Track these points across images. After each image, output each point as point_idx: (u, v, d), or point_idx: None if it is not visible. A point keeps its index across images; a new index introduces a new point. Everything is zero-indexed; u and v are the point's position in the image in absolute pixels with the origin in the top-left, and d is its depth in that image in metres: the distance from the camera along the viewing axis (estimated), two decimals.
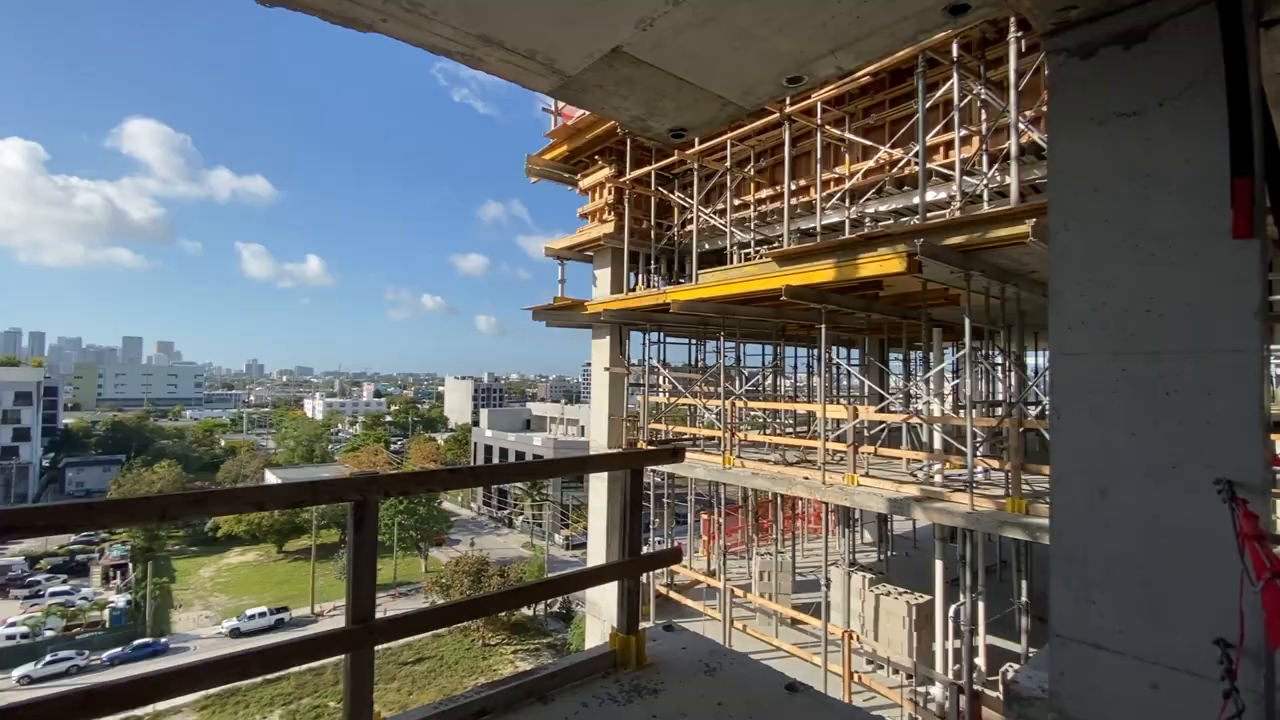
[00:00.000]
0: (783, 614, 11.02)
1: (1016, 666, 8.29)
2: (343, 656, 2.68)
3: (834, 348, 16.57)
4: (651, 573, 12.70)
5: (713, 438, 12.38)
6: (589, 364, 14.89)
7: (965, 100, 8.14)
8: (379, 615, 2.68)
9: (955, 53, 7.81)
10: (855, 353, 17.32)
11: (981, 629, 8.21)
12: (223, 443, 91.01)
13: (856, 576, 10.26)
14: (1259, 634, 2.39)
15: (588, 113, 10.98)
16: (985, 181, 7.92)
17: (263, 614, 39.68)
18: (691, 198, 11.99)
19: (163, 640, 37.23)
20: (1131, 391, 2.70)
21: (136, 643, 36.37)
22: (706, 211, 12.23)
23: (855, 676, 9.10)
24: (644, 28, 3.07)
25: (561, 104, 12.02)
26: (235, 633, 37.71)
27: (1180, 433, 2.56)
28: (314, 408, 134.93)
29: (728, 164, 11.47)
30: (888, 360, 16.13)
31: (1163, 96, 2.68)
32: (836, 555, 11.28)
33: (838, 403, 11.78)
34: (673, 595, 12.60)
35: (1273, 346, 6.76)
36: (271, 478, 60.84)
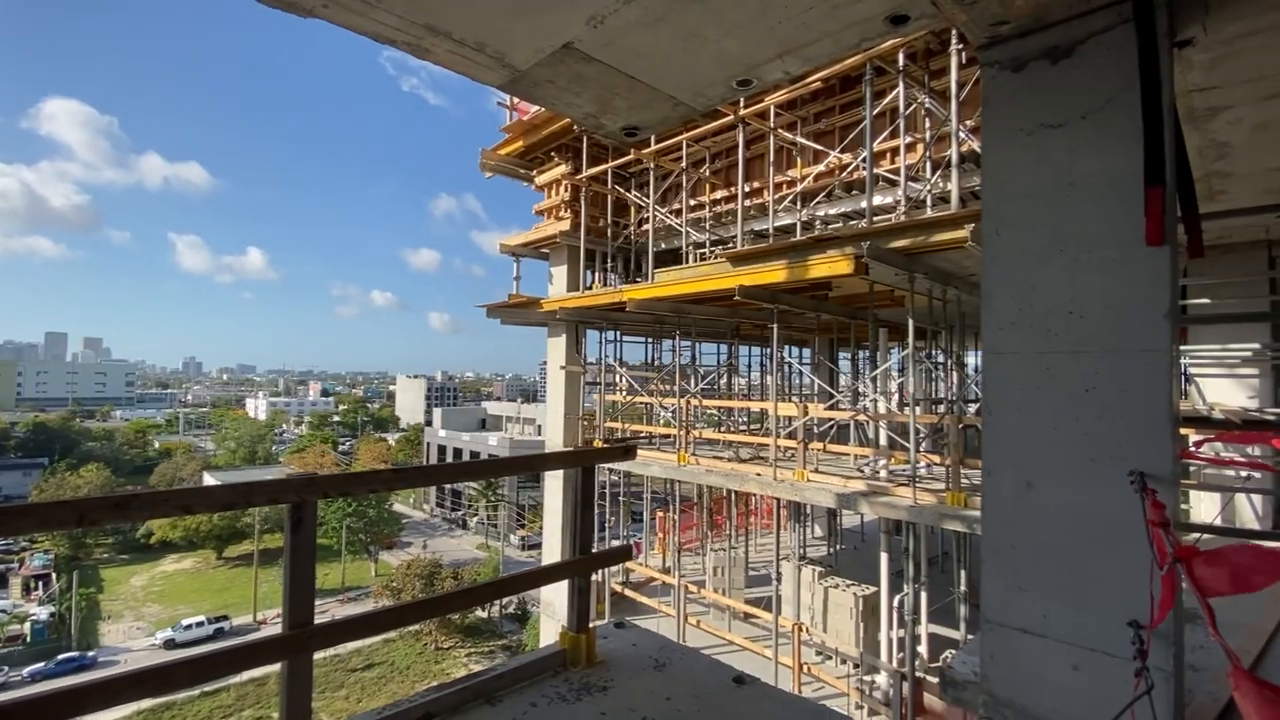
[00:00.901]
0: (735, 609, 11.19)
1: (955, 653, 8.65)
2: (279, 664, 2.59)
3: (786, 347, 16.93)
4: (607, 571, 12.70)
5: (669, 436, 12.47)
6: (545, 362, 14.78)
7: (910, 109, 8.42)
8: (321, 621, 2.60)
9: (901, 62, 8.07)
10: (807, 352, 17.71)
11: (924, 618, 8.53)
12: (157, 445, 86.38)
13: (807, 570, 10.51)
14: (1170, 615, 2.57)
15: (543, 109, 10.87)
16: (928, 187, 8.22)
17: (200, 623, 37.86)
18: (648, 197, 12.03)
19: (90, 654, 35.08)
20: (1055, 389, 2.85)
21: (61, 657, 34.17)
22: (663, 211, 12.30)
23: (805, 668, 9.32)
24: (595, 25, 3.06)
25: (517, 99, 11.87)
26: (170, 644, 35.85)
27: (1099, 428, 2.71)
28: (257, 407, 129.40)
29: (683, 164, 11.55)
30: (837, 359, 16.56)
31: (1085, 110, 2.84)
32: (788, 550, 11.52)
33: (789, 401, 12.03)
34: (628, 593, 12.63)
35: (1184, 348, 7.25)
36: (210, 481, 58.12)
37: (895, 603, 8.64)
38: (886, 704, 8.36)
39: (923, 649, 8.46)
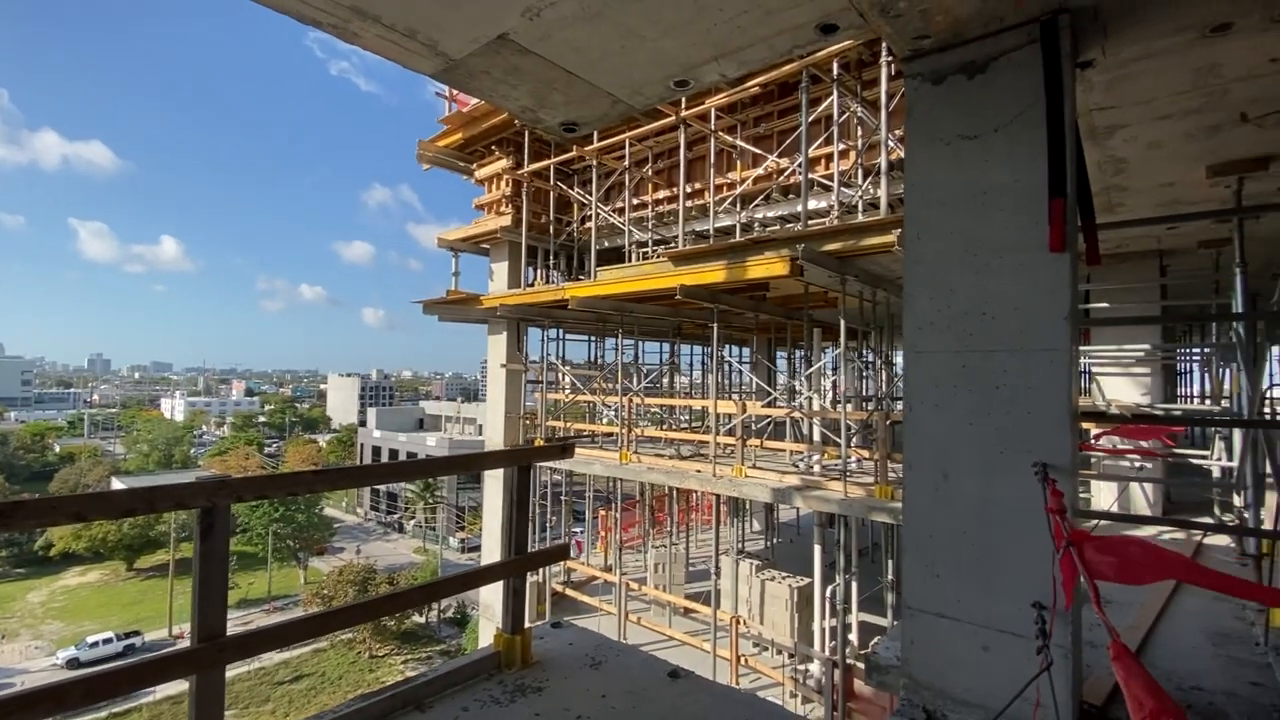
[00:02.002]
0: (675, 604, 11.31)
1: (881, 639, 9.04)
2: (188, 679, 2.44)
3: (727, 346, 17.24)
4: (548, 571, 12.59)
5: (611, 434, 12.46)
6: (486, 361, 14.48)
7: (844, 117, 8.73)
8: (239, 631, 2.46)
9: (835, 71, 8.35)
10: (747, 351, 18.08)
11: (855, 607, 8.87)
12: (58, 448, 79.52)
13: (744, 564, 10.73)
14: (1060, 594, 2.76)
15: (483, 101, 10.65)
16: (860, 193, 8.55)
17: (109, 640, 35.10)
18: (591, 194, 11.98)
19: None
20: (970, 386, 3.01)
21: None
22: (606, 209, 12.28)
23: (742, 659, 9.52)
24: (530, 17, 3.02)
25: (456, 90, 11.57)
26: (74, 663, 33.08)
27: (1007, 422, 2.89)
28: (174, 408, 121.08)
29: (626, 163, 11.57)
30: (775, 358, 16.98)
31: (998, 123, 3.01)
32: (727, 545, 11.74)
33: (729, 399, 12.25)
34: (569, 592, 12.56)
35: (1087, 348, 7.85)
36: (119, 486, 53.94)
37: (828, 593, 8.94)
38: (819, 691, 8.65)
39: (853, 637, 8.79)
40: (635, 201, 12.09)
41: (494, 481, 13.52)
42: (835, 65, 8.32)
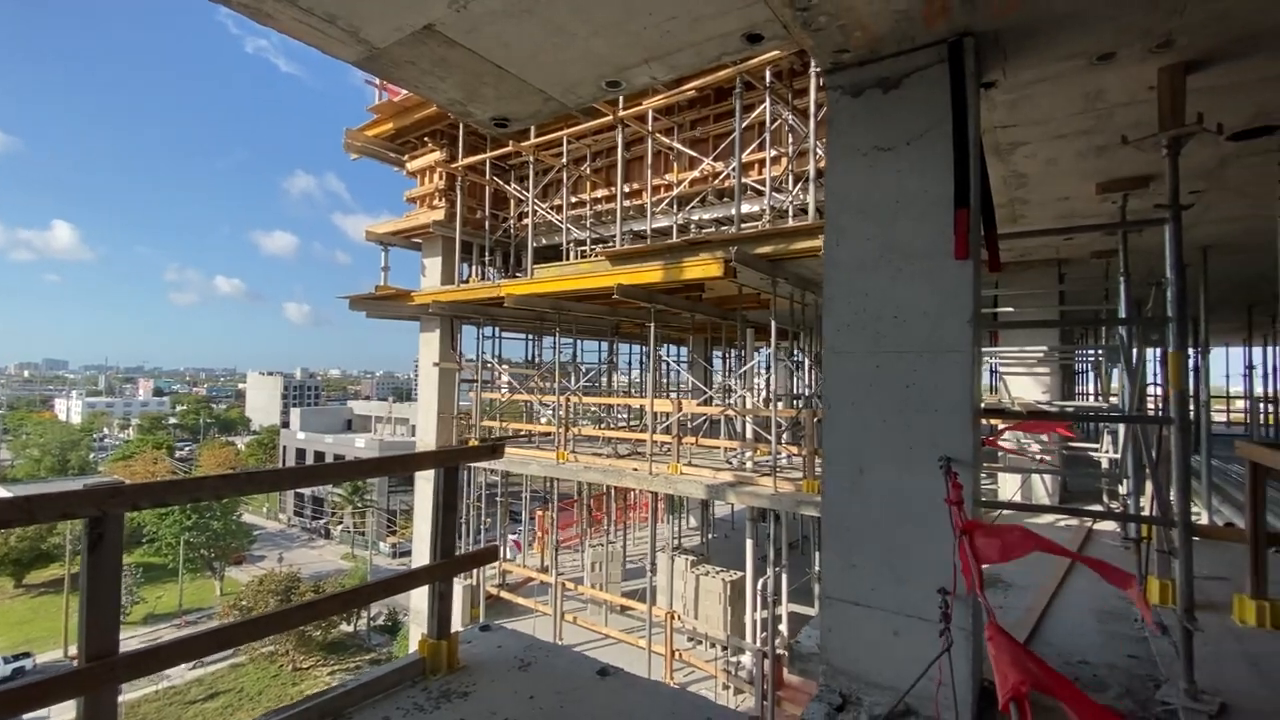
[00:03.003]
0: (612, 602, 11.34)
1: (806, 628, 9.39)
2: (76, 702, 2.26)
3: (665, 345, 17.40)
4: (482, 574, 12.35)
5: (549, 434, 12.35)
6: (419, 359, 14.03)
7: (776, 124, 8.98)
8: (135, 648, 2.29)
9: (768, 79, 8.58)
10: (685, 350, 18.32)
11: (785, 598, 9.16)
12: None
13: (680, 560, 10.89)
14: (962, 580, 2.96)
15: None
16: (790, 198, 8.82)
17: None
18: (528, 190, 11.83)
19: None
20: (883, 385, 3.17)
21: None
22: (543, 206, 12.14)
23: (677, 654, 9.65)
24: (458, 9, 2.96)
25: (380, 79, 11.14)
26: None
27: (916, 419, 3.07)
28: (69, 409, 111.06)
29: (564, 160, 11.48)
30: (711, 358, 17.28)
31: (910, 136, 3.19)
32: (664, 541, 11.88)
33: (666, 398, 12.39)
34: (504, 595, 12.37)
35: (996, 349, 8.43)
36: (3, 495, 48.98)
37: (759, 586, 9.19)
38: (750, 682, 8.88)
39: (784, 627, 9.08)
40: (573, 199, 12.02)
41: (426, 483, 13.14)
42: (768, 73, 8.55)
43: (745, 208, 9.48)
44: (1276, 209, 3.85)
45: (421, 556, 13.10)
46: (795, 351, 10.83)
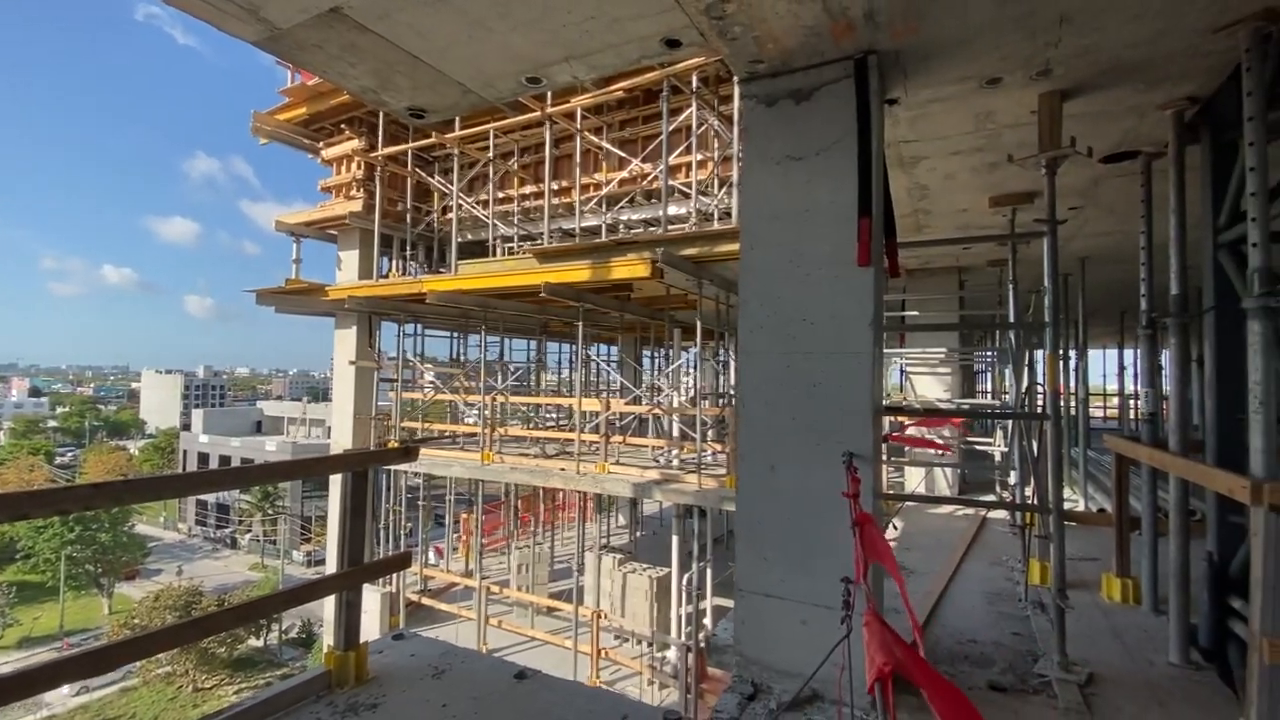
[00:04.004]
0: (538, 604, 11.23)
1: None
2: None
3: (595, 345, 17.39)
4: (402, 581, 11.92)
5: (474, 435, 12.05)
6: (335, 357, 13.35)
7: (702, 128, 9.15)
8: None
9: (694, 84, 8.73)
10: (614, 350, 18.36)
11: (709, 593, 9.37)
12: None
13: (607, 559, 10.91)
14: (870, 569, 3.13)
15: None
16: (716, 202, 9.03)
17: None
18: (453, 184, 11.50)
19: None
20: (793, 385, 3.31)
21: None
22: (469, 201, 11.84)
23: (603, 653, 9.67)
24: None
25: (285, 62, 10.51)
26: None
27: (823, 417, 3.21)
28: None
29: (491, 155, 11.25)
30: (640, 358, 17.42)
31: (819, 147, 3.33)
32: (592, 541, 11.86)
33: (594, 397, 12.37)
34: (426, 601, 11.98)
35: (903, 350, 8.98)
36: None
37: (685, 581, 9.35)
38: (675, 676, 9.02)
39: (708, 621, 9.28)
40: (500, 195, 11.80)
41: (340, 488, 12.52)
42: (695, 79, 8.70)
43: (672, 210, 9.61)
44: (1138, 225, 4.29)
45: (335, 564, 12.49)
46: (720, 351, 11.09)
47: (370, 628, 10.97)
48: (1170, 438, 3.84)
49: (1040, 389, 3.95)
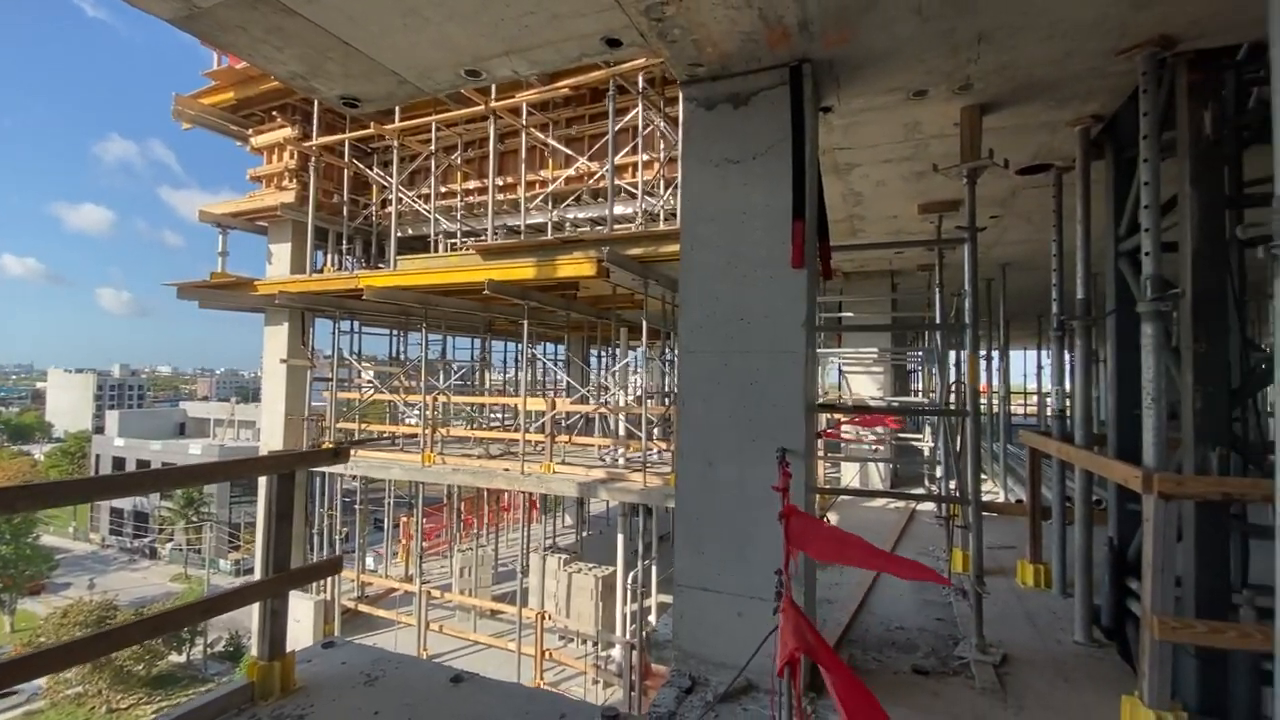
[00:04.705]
0: (482, 607, 11.04)
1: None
2: None
3: (542, 344, 17.22)
4: (337, 589, 11.48)
5: (414, 435, 11.73)
6: (265, 355, 12.72)
7: (648, 129, 9.21)
8: None
9: (641, 85, 8.77)
10: (562, 348, 18.24)
11: (654, 590, 9.43)
12: None
13: (552, 559, 10.83)
14: (801, 561, 3.23)
15: None
16: (662, 203, 9.10)
17: None
18: (392, 176, 11.15)
19: None
20: (731, 383, 3.37)
21: None
22: (409, 194, 11.51)
23: (547, 654, 9.60)
24: None
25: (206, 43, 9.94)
26: None
27: (759, 414, 3.29)
28: None
29: (433, 148, 10.97)
30: (587, 357, 17.37)
31: (756, 151, 3.41)
32: (538, 541, 11.74)
33: (539, 396, 12.26)
34: (363, 608, 11.58)
35: (840, 350, 9.31)
36: None
37: (630, 579, 9.39)
38: (620, 674, 9.04)
39: (653, 618, 9.35)
40: (443, 189, 11.52)
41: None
42: (641, 79, 8.73)
43: (619, 209, 9.63)
44: (1050, 235, 4.59)
45: (260, 571, 11.91)
46: (666, 351, 11.18)
47: (303, 637, 10.52)
48: (1076, 432, 4.13)
49: (961, 387, 4.17)
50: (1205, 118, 3.26)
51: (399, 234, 11.28)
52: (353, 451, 10.89)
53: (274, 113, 11.99)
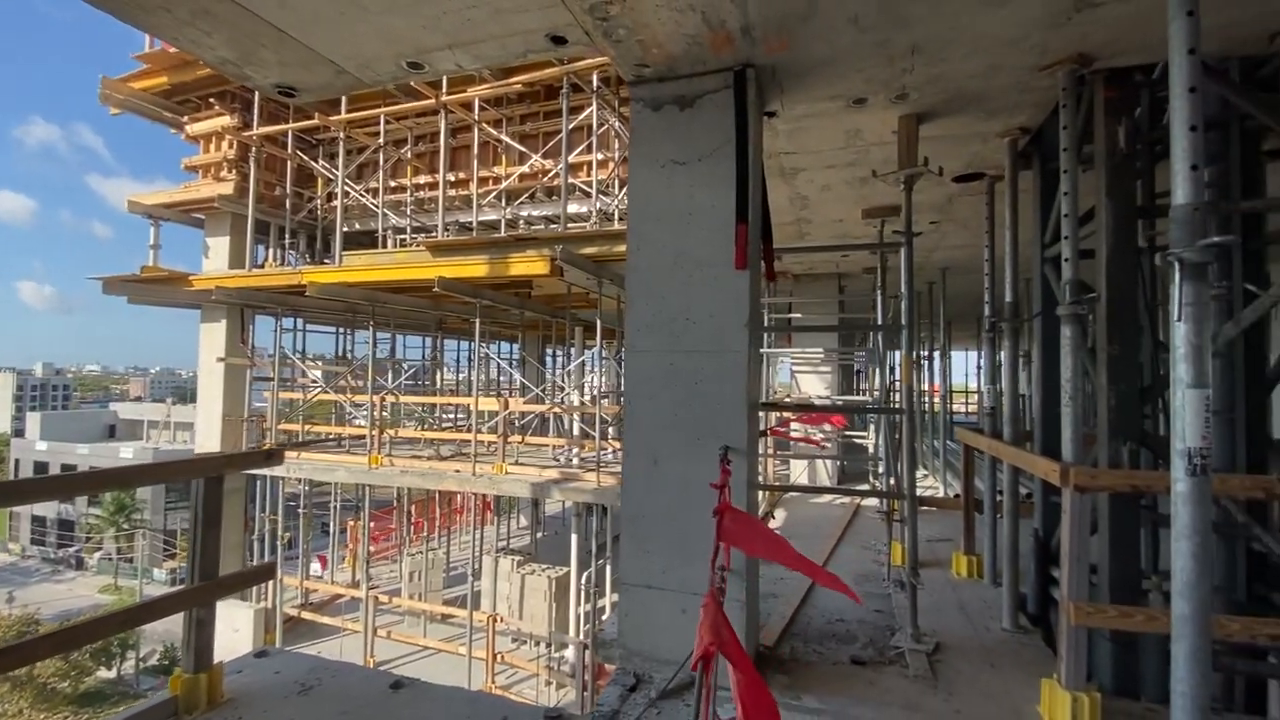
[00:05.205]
0: (432, 612, 10.83)
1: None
2: None
3: (497, 342, 17.00)
4: (279, 595, 11.06)
5: (361, 437, 11.41)
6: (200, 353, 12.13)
7: (603, 128, 9.20)
8: None
9: (595, 84, 8.76)
10: (517, 348, 18.03)
11: (608, 589, 9.43)
12: None
13: (505, 561, 10.71)
14: (740, 556, 3.29)
15: None
16: (616, 202, 9.10)
17: None
18: (339, 169, 10.81)
19: None
20: (676, 382, 3.40)
21: None
22: (357, 188, 11.18)
23: (500, 657, 9.49)
24: None
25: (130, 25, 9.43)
26: None
27: (703, 413, 3.33)
28: None
29: (381, 141, 10.69)
30: (544, 357, 17.24)
31: (701, 154, 3.45)
32: (492, 544, 11.58)
33: (492, 396, 12.10)
34: (306, 616, 11.20)
35: (789, 350, 9.52)
36: None
37: (584, 579, 9.36)
38: (573, 675, 9.01)
39: (606, 618, 9.34)
40: (392, 184, 11.24)
41: None
42: (595, 78, 8.72)
43: (573, 208, 9.59)
44: (983, 240, 4.80)
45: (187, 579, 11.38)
46: (621, 350, 11.20)
47: (243, 647, 10.08)
48: (1005, 429, 4.33)
49: (899, 385, 4.32)
50: (1120, 133, 3.47)
51: (346, 229, 10.95)
52: (296, 454, 10.54)
53: (211, 100, 11.46)
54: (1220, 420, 3.74)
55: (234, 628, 10.38)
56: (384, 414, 10.58)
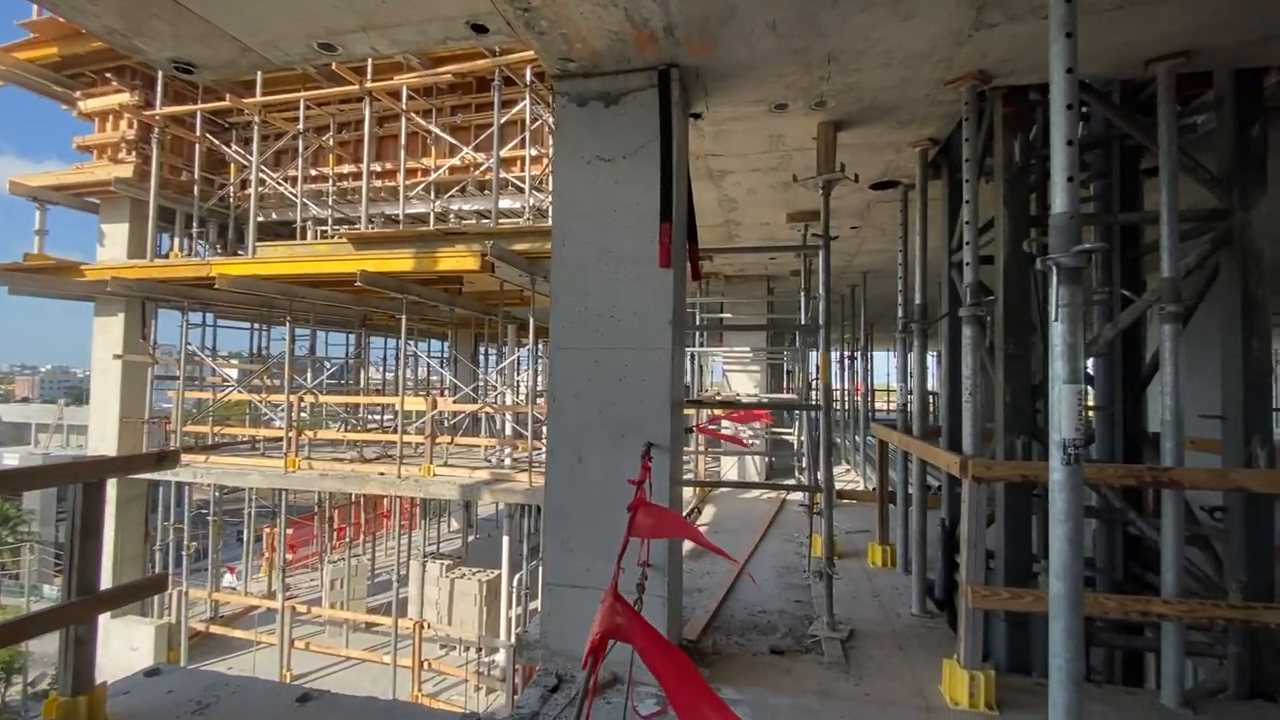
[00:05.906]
0: (355, 620, 10.39)
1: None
2: None
3: (427, 340, 16.48)
4: (184, 609, 10.32)
5: (278, 439, 10.80)
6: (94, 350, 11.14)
7: (536, 123, 9.08)
8: None
9: (529, 78, 8.62)
10: (446, 345, 17.56)
11: (539, 591, 9.30)
12: None
13: (434, 565, 10.40)
14: (663, 553, 3.31)
15: None
16: (550, 198, 9.00)
17: None
18: (253, 155, 10.18)
19: None
20: (601, 378, 3.39)
21: None
22: (273, 176, 10.57)
23: (427, 664, 9.21)
24: None
25: None
26: None
27: (628, 410, 3.34)
28: None
29: (301, 127, 10.15)
30: (476, 355, 16.86)
31: (626, 152, 3.45)
32: (419, 548, 11.21)
33: (419, 395, 11.72)
34: (215, 630, 10.50)
35: (720, 349, 9.72)
36: None
37: (515, 582, 9.21)
38: (504, 679, 8.85)
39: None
40: (312, 172, 10.70)
41: (112, 506, 10.51)
42: (529, 72, 8.58)
43: (506, 203, 9.42)
44: (898, 246, 5.05)
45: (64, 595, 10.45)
46: None
47: (140, 667, 9.34)
48: (914, 424, 4.56)
49: (818, 383, 4.47)
50: (1016, 147, 3.71)
51: (261, 218, 10.34)
52: (205, 458, 9.86)
53: (108, 75, 10.56)
54: (1101, 415, 4.07)
55: (132, 646, 9.61)
56: (303, 415, 10.05)
